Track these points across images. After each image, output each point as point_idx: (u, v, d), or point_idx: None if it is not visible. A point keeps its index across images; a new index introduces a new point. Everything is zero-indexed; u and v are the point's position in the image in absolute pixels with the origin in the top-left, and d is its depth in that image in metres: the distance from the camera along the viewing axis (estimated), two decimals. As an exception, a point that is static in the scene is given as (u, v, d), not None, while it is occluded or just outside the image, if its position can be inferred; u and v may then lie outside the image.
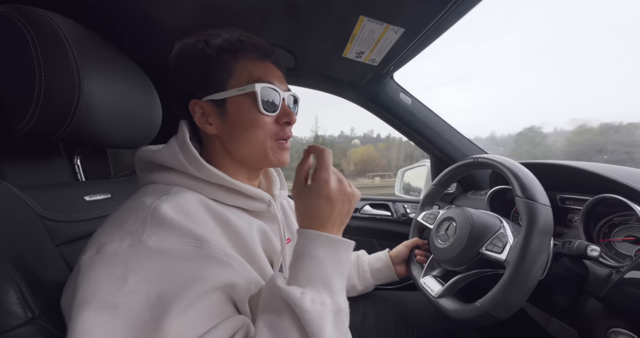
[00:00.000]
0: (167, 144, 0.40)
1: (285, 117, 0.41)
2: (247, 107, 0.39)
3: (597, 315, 0.44)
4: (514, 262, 0.42)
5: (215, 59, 0.39)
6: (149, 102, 0.61)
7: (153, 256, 0.28)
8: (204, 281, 0.29)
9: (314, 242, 0.33)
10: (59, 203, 0.45)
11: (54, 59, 0.41)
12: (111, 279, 0.26)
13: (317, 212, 0.35)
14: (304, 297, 0.29)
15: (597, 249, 0.42)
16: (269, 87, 0.39)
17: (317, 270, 0.32)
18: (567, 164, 0.59)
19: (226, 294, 0.31)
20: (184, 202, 0.34)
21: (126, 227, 0.29)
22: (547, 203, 0.45)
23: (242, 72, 0.39)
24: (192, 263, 0.29)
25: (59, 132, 0.43)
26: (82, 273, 0.27)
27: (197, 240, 0.30)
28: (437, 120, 0.98)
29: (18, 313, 0.28)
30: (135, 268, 0.27)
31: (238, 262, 0.33)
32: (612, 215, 0.53)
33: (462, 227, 0.56)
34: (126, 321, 0.25)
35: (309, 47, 0.72)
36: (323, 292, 0.31)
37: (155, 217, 0.30)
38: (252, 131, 0.39)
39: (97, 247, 0.28)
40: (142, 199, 0.33)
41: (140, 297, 0.26)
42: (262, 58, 0.41)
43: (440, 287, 0.57)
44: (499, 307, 0.42)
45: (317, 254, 0.32)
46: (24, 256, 0.32)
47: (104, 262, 0.27)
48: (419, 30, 0.54)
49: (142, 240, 0.28)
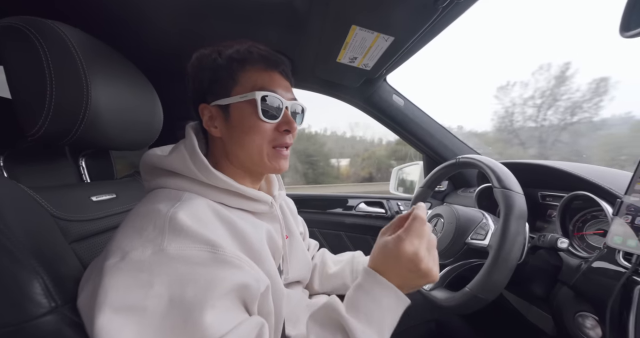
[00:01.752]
0: (176, 150, 0.42)
1: (286, 125, 0.43)
2: (248, 113, 0.41)
3: (568, 301, 0.48)
4: (495, 246, 0.46)
5: (224, 68, 0.42)
6: (151, 105, 0.63)
7: (174, 263, 0.30)
8: (221, 283, 0.31)
9: (381, 288, 0.36)
10: (69, 204, 0.47)
11: (64, 67, 0.44)
12: (138, 285, 0.29)
13: (392, 265, 0.37)
14: (363, 335, 0.33)
15: (565, 241, 0.47)
16: (271, 96, 0.41)
17: (377, 313, 0.35)
18: (545, 164, 0.64)
19: (239, 296, 0.34)
20: (197, 209, 0.36)
21: (146, 235, 0.32)
22: (520, 191, 0.49)
23: (247, 80, 0.42)
24: (208, 268, 0.31)
25: (68, 136, 0.46)
26: (108, 279, 0.29)
27: (211, 246, 0.33)
28: (429, 120, 1.01)
29: (43, 302, 0.31)
30: (160, 274, 0.29)
31: (248, 264, 0.36)
32: (585, 211, 0.58)
33: (449, 221, 0.60)
34: (155, 322, 0.28)
35: (305, 52, 0.75)
36: (375, 334, 0.34)
37: (172, 225, 0.32)
38: (250, 136, 0.42)
39: (121, 254, 0.31)
40: (156, 206, 0.35)
41: (165, 300, 0.29)
42: (268, 68, 0.43)
43: None
44: (485, 289, 0.46)
45: (382, 300, 0.35)
46: (44, 251, 0.35)
47: (129, 268, 0.30)
48: (408, 38, 0.58)
49: (163, 248, 0.31)
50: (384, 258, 0.38)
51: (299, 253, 0.58)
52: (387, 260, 0.37)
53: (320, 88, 0.97)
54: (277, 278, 0.42)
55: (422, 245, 0.36)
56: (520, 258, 0.47)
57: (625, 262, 0.40)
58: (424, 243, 0.37)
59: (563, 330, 0.50)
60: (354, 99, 0.99)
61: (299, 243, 0.59)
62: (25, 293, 0.30)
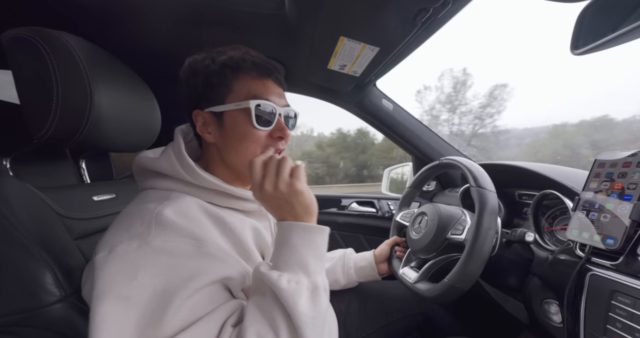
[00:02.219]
0: (164, 153, 0.44)
1: (279, 131, 0.44)
2: (242, 121, 0.42)
3: (536, 290, 0.53)
4: (470, 239, 0.51)
5: (217, 75, 0.42)
6: (149, 109, 0.66)
7: (158, 255, 0.32)
8: (203, 276, 0.33)
9: (288, 231, 0.37)
10: (72, 203, 0.50)
11: (69, 74, 0.46)
12: (123, 275, 0.30)
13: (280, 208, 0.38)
14: (280, 278, 0.33)
15: (532, 235, 0.51)
16: (264, 104, 0.42)
17: (292, 255, 0.35)
18: (519, 165, 0.69)
19: (223, 285, 0.36)
20: (184, 206, 0.37)
21: (133, 230, 0.33)
22: (493, 190, 0.54)
23: (241, 88, 0.42)
24: (192, 260, 0.33)
25: (72, 139, 0.49)
26: (98, 271, 0.31)
27: (196, 239, 0.34)
28: (416, 123, 1.06)
29: (54, 291, 0.34)
30: (144, 266, 0.31)
31: (233, 258, 0.37)
32: (555, 208, 0.63)
33: (431, 218, 0.64)
34: (137, 310, 0.30)
35: (298, 59, 0.79)
36: (300, 273, 0.34)
37: (158, 220, 0.34)
38: (244, 143, 0.43)
39: (109, 248, 0.32)
40: (145, 205, 0.37)
41: (148, 290, 0.30)
42: (262, 76, 0.43)
43: (416, 274, 0.65)
44: (461, 279, 0.50)
45: (292, 241, 0.36)
46: (53, 246, 0.38)
47: (116, 261, 0.31)
48: (392, 49, 0.62)
49: (148, 241, 0.32)
50: (272, 207, 0.39)
51: None
52: (277, 206, 0.38)
53: (313, 92, 1.01)
54: None
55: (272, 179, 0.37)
56: (493, 250, 0.51)
57: (581, 253, 0.45)
58: (271, 177, 0.37)
59: (534, 317, 0.55)
60: (345, 103, 1.03)
61: None
62: (38, 282, 0.33)
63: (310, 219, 0.38)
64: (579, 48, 0.37)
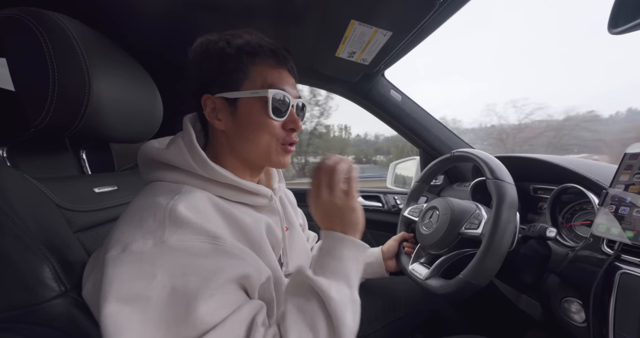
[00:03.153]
0: (174, 143, 0.42)
1: (292, 123, 0.43)
2: (257, 109, 0.41)
3: (555, 288, 0.50)
4: (488, 233, 0.48)
5: (234, 59, 0.40)
6: (151, 98, 0.64)
7: (175, 254, 0.31)
8: (222, 274, 0.32)
9: (339, 243, 0.39)
10: (73, 195, 0.48)
11: (66, 58, 0.44)
12: (141, 275, 0.29)
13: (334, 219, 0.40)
14: (331, 287, 0.35)
15: (553, 230, 0.49)
16: (280, 94, 0.41)
17: (340, 266, 0.38)
18: (537, 157, 0.66)
19: (240, 284, 0.35)
20: (197, 202, 0.36)
21: (146, 227, 0.32)
22: (512, 182, 0.51)
23: (257, 75, 0.41)
24: (209, 258, 0.32)
25: (71, 127, 0.46)
26: (112, 269, 0.30)
27: (212, 237, 0.33)
28: (425, 115, 1.03)
29: (53, 286, 0.32)
30: (162, 265, 0.30)
31: (249, 255, 0.36)
32: (574, 203, 0.60)
33: (443, 212, 0.62)
34: (158, 310, 0.29)
35: (304, 47, 0.76)
36: (344, 285, 0.36)
37: (173, 217, 0.33)
38: (258, 133, 0.41)
39: (122, 245, 0.31)
40: (155, 199, 0.35)
41: (167, 290, 0.29)
42: (279, 65, 0.42)
43: (427, 270, 0.63)
44: (477, 275, 0.48)
45: (341, 254, 0.38)
46: (52, 239, 0.36)
47: (131, 260, 0.30)
48: (406, 33, 0.59)
49: (164, 240, 0.31)
50: (326, 216, 0.41)
51: (299, 245, 0.59)
52: (329, 217, 0.41)
53: (319, 82, 0.98)
54: (277, 270, 0.43)
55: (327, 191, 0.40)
56: (511, 245, 0.49)
57: (609, 250, 0.42)
58: (325, 188, 0.40)
59: (551, 315, 0.53)
60: (352, 94, 1.00)
61: (299, 235, 0.60)
62: (36, 277, 0.32)
63: (358, 235, 0.41)
64: (619, 26, 0.34)
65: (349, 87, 0.96)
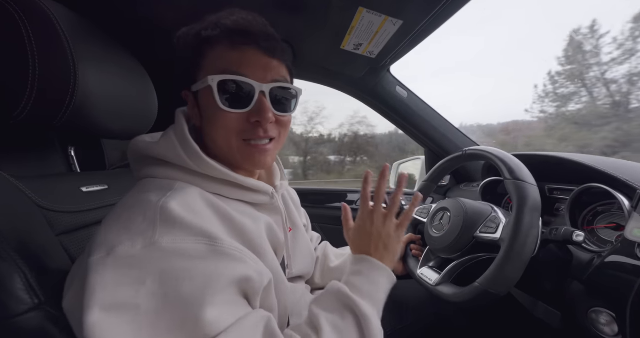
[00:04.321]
0: (165, 137, 0.39)
1: (256, 115, 0.36)
2: (210, 101, 0.36)
3: (580, 297, 0.47)
4: (508, 238, 0.44)
5: (194, 47, 0.38)
6: (145, 92, 0.60)
7: (168, 257, 0.28)
8: (220, 277, 0.29)
9: (376, 269, 0.41)
10: (57, 194, 0.44)
11: (47, 44, 0.40)
12: (128, 282, 0.26)
13: (364, 242, 0.44)
14: (373, 311, 0.36)
15: (582, 235, 0.45)
16: (232, 80, 0.35)
17: (376, 293, 0.39)
18: (556, 155, 0.62)
19: (241, 288, 0.32)
20: (191, 199, 0.33)
21: (135, 228, 0.29)
22: (534, 183, 0.47)
23: (211, 62, 0.37)
24: (206, 261, 0.29)
25: (55, 120, 0.42)
26: (94, 276, 0.26)
27: (209, 238, 0.30)
28: (432, 113, 0.99)
29: (24, 299, 0.28)
30: (152, 270, 0.27)
31: (249, 257, 0.34)
32: (595, 204, 0.56)
33: (456, 214, 0.58)
34: (150, 320, 0.26)
35: (307, 39, 0.72)
36: (377, 311, 0.38)
37: (164, 216, 0.29)
38: (214, 128, 0.38)
39: (107, 248, 0.28)
40: (145, 196, 0.32)
41: (159, 297, 0.26)
42: (236, 45, 0.36)
43: (438, 275, 0.59)
44: (496, 283, 0.45)
45: (378, 280, 0.40)
46: (27, 244, 0.32)
47: (117, 265, 0.27)
48: (417, 23, 0.55)
49: (154, 241, 0.28)
50: (368, 241, 0.43)
51: (303, 247, 0.56)
52: (371, 243, 0.43)
53: (322, 78, 0.94)
54: (280, 274, 0.40)
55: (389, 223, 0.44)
56: (533, 251, 0.45)
57: (645, 256, 0.38)
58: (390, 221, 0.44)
59: (573, 325, 0.49)
60: (356, 90, 0.96)
61: (303, 236, 0.56)
62: (5, 289, 0.28)
63: (392, 267, 0.43)
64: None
65: (353, 83, 0.92)
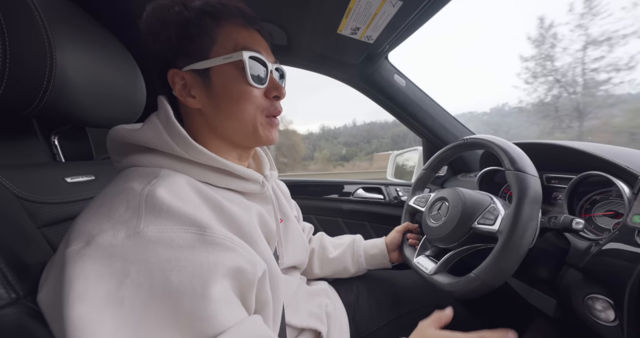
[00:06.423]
0: (148, 122, 0.37)
1: (275, 90, 0.39)
2: (234, 77, 0.36)
3: (576, 284, 0.47)
4: (506, 231, 0.44)
5: (195, 24, 0.35)
6: (131, 79, 0.57)
7: (154, 247, 0.26)
8: (212, 269, 0.27)
9: None
10: (38, 184, 0.42)
11: (20, 23, 0.37)
12: (111, 273, 0.25)
13: None
14: None
15: (581, 222, 0.45)
16: (256, 57, 0.36)
17: None
18: (554, 143, 0.61)
19: (234, 282, 0.30)
20: (178, 186, 0.31)
21: (117, 216, 0.27)
22: (535, 174, 0.46)
23: (226, 38, 0.36)
24: (195, 251, 0.27)
25: (31, 106, 0.40)
26: (73, 267, 0.25)
27: (198, 227, 0.29)
28: (430, 102, 0.97)
29: (1, 294, 0.27)
30: (137, 261, 0.25)
31: (241, 246, 0.32)
32: (593, 193, 0.56)
33: (454, 204, 0.57)
34: (135, 314, 0.24)
35: (302, 23, 0.68)
36: None
37: (150, 204, 0.28)
38: (240, 105, 0.37)
39: (86, 238, 0.26)
40: (128, 185, 0.30)
41: (145, 290, 0.25)
42: (247, 24, 0.38)
43: (434, 264, 0.59)
44: (492, 275, 0.44)
45: None
46: (4, 237, 0.30)
47: (98, 255, 0.25)
48: (418, 3, 0.52)
49: (139, 231, 0.26)
50: None
51: (295, 237, 0.55)
52: None
53: (317, 65, 0.91)
54: (273, 264, 0.38)
55: None
56: (531, 243, 0.45)
57: (645, 242, 0.38)
58: None
59: (569, 312, 0.49)
60: (352, 78, 0.93)
61: (295, 226, 0.55)
62: None
63: None
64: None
65: (349, 71, 0.89)
